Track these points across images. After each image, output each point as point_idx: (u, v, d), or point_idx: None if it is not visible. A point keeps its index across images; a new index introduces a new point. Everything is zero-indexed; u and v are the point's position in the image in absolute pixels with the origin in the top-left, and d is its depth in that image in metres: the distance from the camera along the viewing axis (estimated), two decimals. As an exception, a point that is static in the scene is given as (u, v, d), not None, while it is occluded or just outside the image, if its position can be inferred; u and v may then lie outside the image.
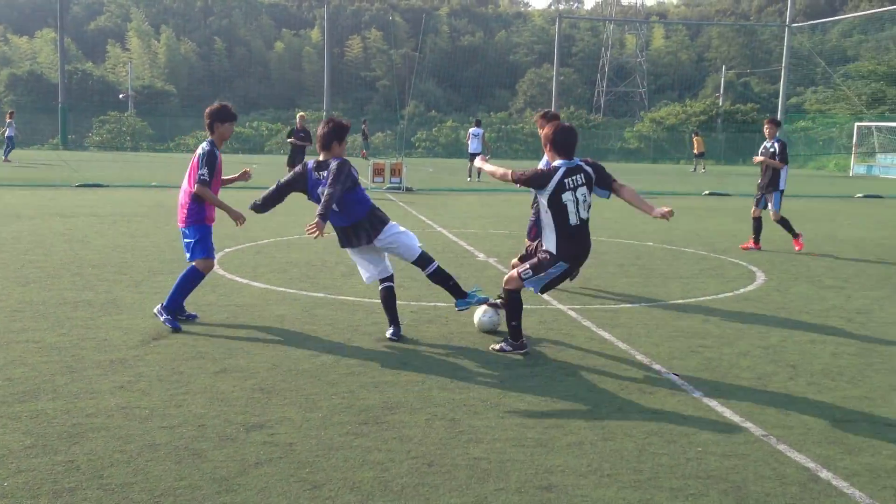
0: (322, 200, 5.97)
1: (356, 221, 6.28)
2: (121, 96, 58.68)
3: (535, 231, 7.18)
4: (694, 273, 10.11)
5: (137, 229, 12.68)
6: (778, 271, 10.33)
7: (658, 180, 31.53)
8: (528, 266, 6.06)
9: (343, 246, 6.53)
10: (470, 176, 28.35)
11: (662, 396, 5.27)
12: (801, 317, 7.72)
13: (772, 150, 12.17)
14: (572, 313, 7.60)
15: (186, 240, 6.73)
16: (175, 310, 6.69)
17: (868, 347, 6.63)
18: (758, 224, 12.30)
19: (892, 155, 41.47)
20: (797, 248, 12.10)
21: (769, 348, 6.53)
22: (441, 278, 6.44)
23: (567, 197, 5.89)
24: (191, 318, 6.85)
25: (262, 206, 6.50)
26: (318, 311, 7.35)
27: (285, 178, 6.52)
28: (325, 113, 43.55)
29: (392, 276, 6.57)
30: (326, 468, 4.01)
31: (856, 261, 11.42)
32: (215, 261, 7.21)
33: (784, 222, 12.09)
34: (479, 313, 6.77)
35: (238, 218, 6.73)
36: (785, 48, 51.56)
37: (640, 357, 6.19)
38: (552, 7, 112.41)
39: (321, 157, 6.32)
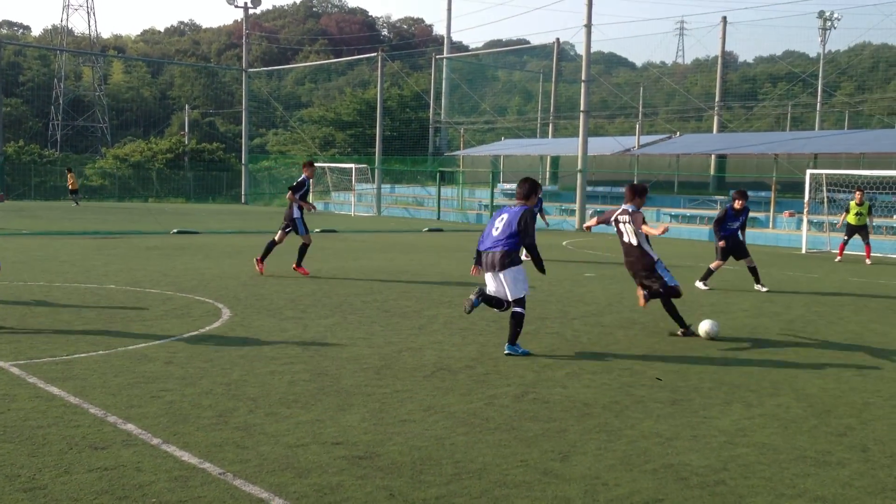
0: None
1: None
2: None
3: None
4: (159, 314, 9.81)
5: None
6: (243, 306, 10.58)
7: (125, 219, 30.40)
8: None
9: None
10: None
11: (117, 450, 4.91)
12: (262, 349, 7.96)
13: None
14: (15, 370, 6.74)
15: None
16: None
17: (320, 373, 7.09)
18: None
19: (344, 193, 46.09)
20: None
21: (231, 384, 6.57)
22: (512, 322, 8.10)
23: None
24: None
25: None
26: None
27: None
28: None
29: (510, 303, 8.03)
30: None
31: (312, 292, 12.26)
32: None
33: None
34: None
35: None
36: (244, 91, 54.17)
37: (94, 410, 5.71)
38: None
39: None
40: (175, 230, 24.24)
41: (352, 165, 43.90)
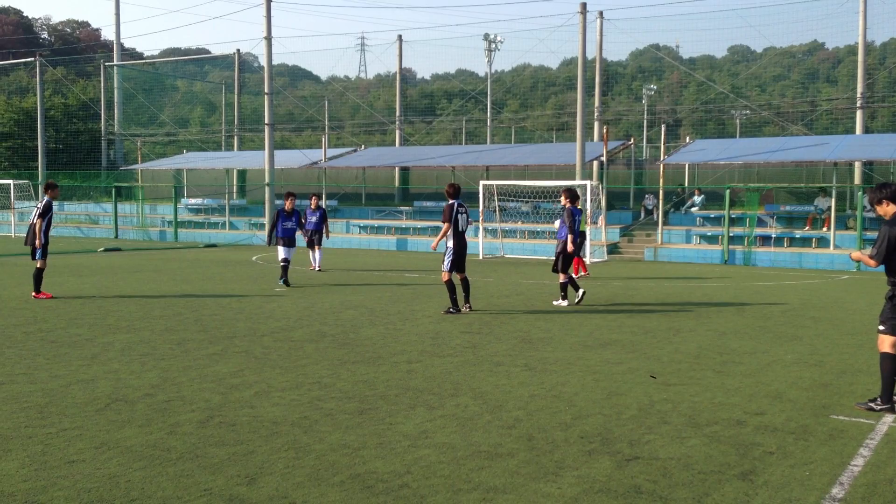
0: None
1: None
2: None
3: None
4: None
5: None
6: None
7: None
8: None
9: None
10: None
11: None
12: None
13: None
14: None
15: None
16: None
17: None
18: None
19: (2, 212, 41.37)
20: None
21: None
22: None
23: (461, 218, 12.71)
24: None
25: None
26: None
27: None
28: None
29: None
30: None
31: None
32: None
33: None
34: None
35: None
36: None
37: None
38: None
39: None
40: None
41: (10, 182, 39.46)
